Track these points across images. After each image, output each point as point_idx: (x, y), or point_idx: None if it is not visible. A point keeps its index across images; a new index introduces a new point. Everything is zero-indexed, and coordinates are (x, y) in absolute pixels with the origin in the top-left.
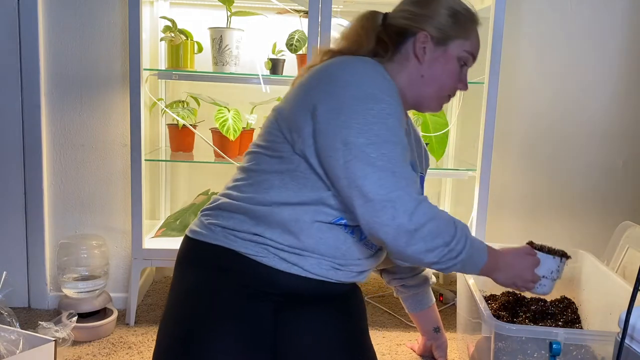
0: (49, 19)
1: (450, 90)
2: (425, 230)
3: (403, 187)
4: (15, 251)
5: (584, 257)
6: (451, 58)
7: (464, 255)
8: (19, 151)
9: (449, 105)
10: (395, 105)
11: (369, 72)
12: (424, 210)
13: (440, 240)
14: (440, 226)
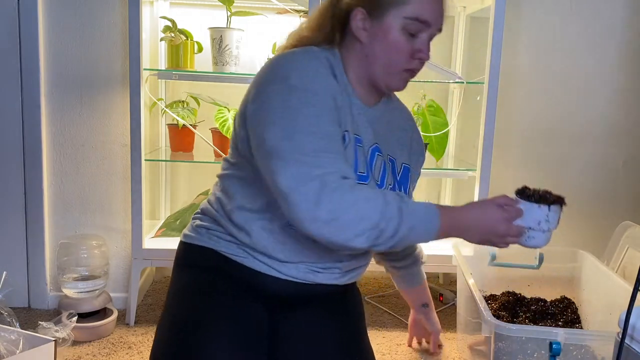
0: (49, 19)
1: (405, 64)
2: (345, 217)
3: (316, 177)
4: (15, 251)
5: (584, 257)
6: (390, 30)
7: (404, 230)
8: (19, 151)
9: (449, 105)
10: (319, 94)
11: (298, 65)
12: (339, 196)
13: (366, 224)
14: (362, 208)
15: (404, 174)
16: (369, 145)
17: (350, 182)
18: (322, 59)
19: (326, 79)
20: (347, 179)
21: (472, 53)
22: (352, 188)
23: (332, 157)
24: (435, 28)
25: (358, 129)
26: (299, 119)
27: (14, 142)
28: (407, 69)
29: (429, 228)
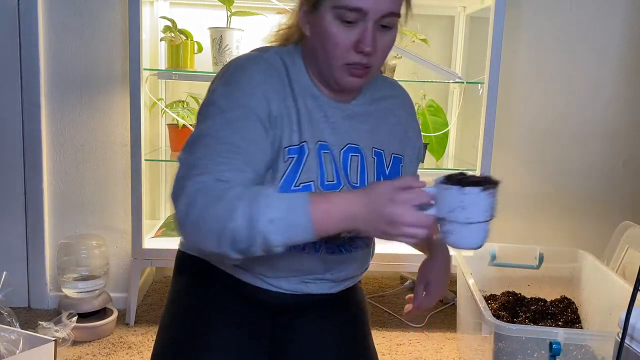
0: (49, 19)
1: (344, 57)
2: (192, 217)
3: (191, 177)
4: (15, 251)
5: (584, 257)
6: (323, 21)
7: (263, 224)
8: (19, 151)
9: (449, 105)
10: (244, 98)
11: (233, 75)
12: (202, 202)
13: (216, 228)
14: (212, 213)
15: (394, 166)
16: (341, 147)
17: (220, 187)
18: (271, 64)
19: (261, 88)
20: (221, 182)
21: (472, 53)
22: (220, 193)
23: (223, 158)
24: (378, 15)
25: (323, 134)
26: (208, 124)
27: (14, 142)
28: (349, 63)
29: (297, 219)
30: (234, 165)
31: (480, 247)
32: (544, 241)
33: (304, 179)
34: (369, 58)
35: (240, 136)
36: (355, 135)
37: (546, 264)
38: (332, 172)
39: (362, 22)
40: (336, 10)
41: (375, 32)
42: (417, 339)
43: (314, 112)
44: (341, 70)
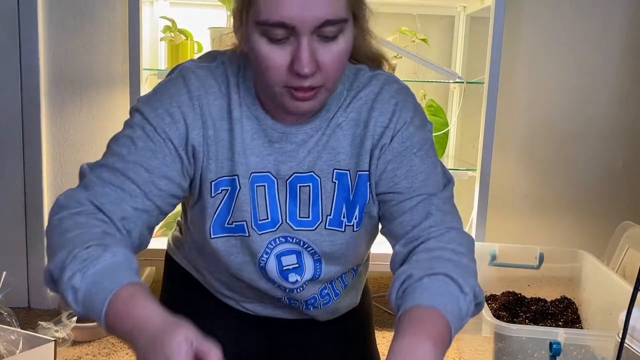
0: (49, 19)
1: (280, 80)
2: (48, 226)
3: (78, 186)
4: (15, 251)
5: (584, 257)
6: (250, 38)
7: (64, 290)
8: (19, 151)
9: (449, 105)
10: (160, 118)
11: (169, 81)
12: (57, 207)
13: (49, 249)
14: (56, 241)
15: (360, 188)
16: (286, 177)
17: (83, 218)
18: (208, 80)
19: (183, 110)
20: (96, 209)
21: (472, 53)
22: (76, 223)
23: (106, 183)
24: (309, 28)
25: (261, 164)
26: (113, 142)
27: (13, 142)
28: (290, 85)
29: (94, 306)
30: (120, 195)
31: None
32: (544, 241)
33: (237, 217)
34: (314, 78)
35: (143, 161)
36: (307, 162)
37: (546, 264)
38: (267, 209)
39: (294, 38)
40: (259, 27)
41: (314, 47)
42: None
43: (255, 137)
44: (284, 95)
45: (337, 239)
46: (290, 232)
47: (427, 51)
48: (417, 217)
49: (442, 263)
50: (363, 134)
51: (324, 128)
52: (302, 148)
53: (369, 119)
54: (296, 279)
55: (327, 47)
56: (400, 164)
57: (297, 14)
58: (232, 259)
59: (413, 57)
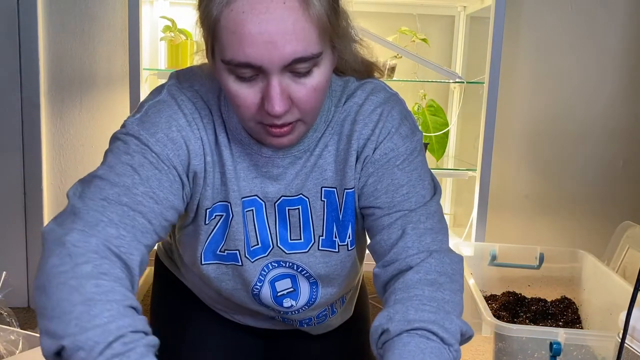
0: (49, 19)
1: (257, 117)
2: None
3: (72, 230)
4: (15, 251)
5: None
6: (220, 76)
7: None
8: (19, 151)
9: (449, 105)
10: (161, 143)
11: (159, 104)
12: (47, 260)
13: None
14: (76, 306)
15: (348, 206)
16: (274, 200)
17: (92, 251)
18: (194, 104)
19: (183, 135)
20: (110, 252)
21: (472, 53)
22: (80, 265)
23: (110, 221)
24: (277, 67)
25: (249, 188)
26: (104, 166)
27: (13, 142)
28: (264, 122)
29: None
30: (134, 235)
31: None
32: (544, 241)
33: (230, 246)
34: (288, 115)
35: (152, 192)
36: (294, 184)
37: (546, 264)
38: (256, 234)
39: (262, 76)
40: (224, 65)
41: (286, 84)
42: None
43: (239, 161)
44: (259, 131)
45: (332, 260)
46: (282, 256)
47: (427, 51)
48: (394, 235)
49: (420, 310)
50: (346, 148)
51: (312, 148)
52: (289, 170)
53: (352, 132)
54: (291, 303)
55: (301, 83)
56: (382, 177)
57: (263, 53)
58: (223, 285)
59: (413, 57)
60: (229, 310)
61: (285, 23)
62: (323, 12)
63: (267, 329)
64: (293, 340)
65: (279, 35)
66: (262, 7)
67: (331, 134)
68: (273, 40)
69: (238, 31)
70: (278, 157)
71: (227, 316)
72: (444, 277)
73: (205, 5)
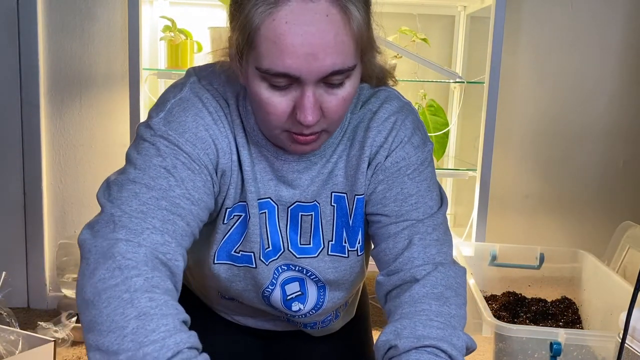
0: (48, 19)
1: (280, 124)
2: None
3: (118, 241)
4: (14, 251)
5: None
6: (251, 80)
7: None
8: (19, 151)
9: (449, 105)
10: (183, 142)
11: (181, 103)
12: (123, 285)
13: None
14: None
15: (358, 212)
16: (288, 205)
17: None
18: (215, 102)
19: (210, 134)
20: (159, 261)
21: (472, 53)
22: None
23: (147, 214)
24: (315, 78)
25: (265, 190)
26: (131, 167)
27: (13, 141)
28: (291, 130)
29: None
30: (177, 240)
31: None
32: (545, 241)
33: (246, 247)
34: (316, 125)
35: (188, 193)
36: (310, 190)
37: (547, 264)
38: (268, 238)
39: (298, 86)
40: (259, 73)
41: (319, 94)
42: None
43: (258, 162)
44: (283, 138)
45: (341, 265)
46: (292, 260)
47: (427, 51)
48: (400, 245)
49: (429, 326)
50: (359, 155)
51: (328, 156)
52: (304, 175)
53: (365, 138)
54: (299, 307)
55: (333, 94)
56: (392, 185)
57: (303, 65)
58: (232, 285)
59: (413, 57)
60: (229, 312)
61: (327, 36)
62: (361, 26)
63: (268, 330)
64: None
65: (320, 48)
66: (305, 19)
67: (344, 141)
68: (314, 52)
69: (279, 42)
70: (294, 160)
71: (227, 317)
72: (450, 291)
73: (247, 13)
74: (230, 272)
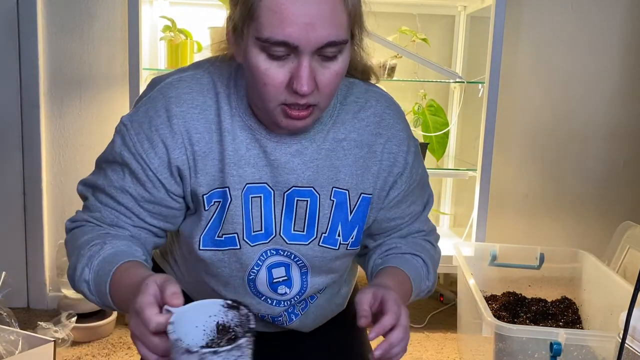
0: (48, 19)
1: (276, 96)
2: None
3: (84, 213)
4: (14, 251)
5: (585, 257)
6: (248, 52)
7: (79, 286)
8: (19, 151)
9: (449, 105)
10: (134, 142)
11: (153, 98)
12: (69, 236)
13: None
14: (69, 250)
15: (361, 208)
16: (284, 190)
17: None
18: (194, 89)
19: (160, 138)
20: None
21: (472, 53)
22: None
23: (108, 191)
24: (312, 47)
25: (256, 175)
26: (110, 166)
27: (13, 141)
28: (286, 103)
29: (102, 287)
30: (117, 215)
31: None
32: (545, 241)
33: (228, 229)
34: (310, 97)
35: (129, 188)
36: (306, 175)
37: (547, 264)
38: (261, 221)
39: (295, 56)
40: (260, 43)
41: (314, 66)
42: (417, 340)
43: (250, 148)
44: (277, 111)
45: (329, 255)
46: (282, 245)
47: (427, 51)
48: (392, 230)
49: (422, 250)
50: (368, 156)
51: (320, 141)
52: (296, 159)
53: (375, 143)
54: (285, 291)
55: (326, 67)
56: (406, 197)
57: (302, 34)
58: (219, 271)
59: (413, 56)
60: None
61: (325, 8)
62: (355, 2)
63: (259, 331)
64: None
65: (317, 18)
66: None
67: (345, 136)
68: (312, 22)
69: (280, 11)
70: (285, 142)
71: None
72: (438, 248)
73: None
74: (215, 258)
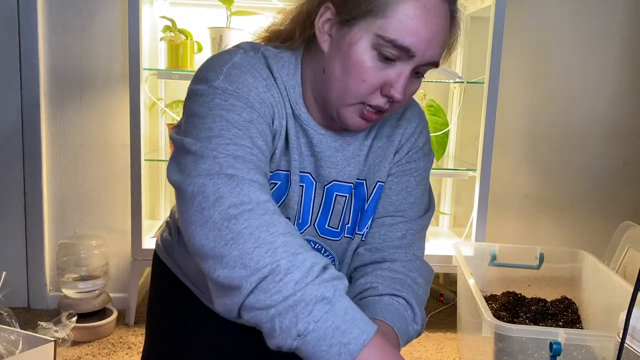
0: (48, 19)
1: (366, 96)
2: (242, 236)
3: (229, 175)
4: (14, 251)
5: (585, 257)
6: (356, 45)
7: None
8: (19, 151)
9: (449, 105)
10: (256, 98)
11: (238, 67)
12: (253, 215)
13: (263, 255)
14: (269, 240)
15: (375, 196)
16: (325, 183)
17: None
18: (258, 66)
19: (269, 95)
20: (254, 182)
21: (472, 53)
22: (276, 215)
23: (251, 167)
24: (422, 61)
25: (304, 164)
26: (220, 123)
27: (13, 142)
28: (369, 103)
29: (348, 336)
30: (257, 167)
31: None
32: (545, 241)
33: (284, 214)
34: (391, 104)
35: (256, 136)
36: (348, 171)
37: (546, 264)
38: (300, 210)
39: (401, 63)
40: (378, 40)
41: (409, 78)
42: (417, 339)
43: (299, 136)
44: (353, 109)
45: (349, 245)
46: (314, 236)
47: None
48: (392, 235)
49: (404, 288)
50: (386, 146)
51: (361, 139)
52: (339, 154)
53: (393, 134)
54: None
55: (413, 82)
56: (400, 179)
57: (422, 46)
58: None
59: None
60: None
61: (443, 31)
62: (451, 37)
63: None
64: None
65: (437, 38)
66: (437, 11)
67: (376, 131)
68: (433, 40)
69: (417, 19)
70: (330, 136)
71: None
72: (422, 279)
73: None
74: None
